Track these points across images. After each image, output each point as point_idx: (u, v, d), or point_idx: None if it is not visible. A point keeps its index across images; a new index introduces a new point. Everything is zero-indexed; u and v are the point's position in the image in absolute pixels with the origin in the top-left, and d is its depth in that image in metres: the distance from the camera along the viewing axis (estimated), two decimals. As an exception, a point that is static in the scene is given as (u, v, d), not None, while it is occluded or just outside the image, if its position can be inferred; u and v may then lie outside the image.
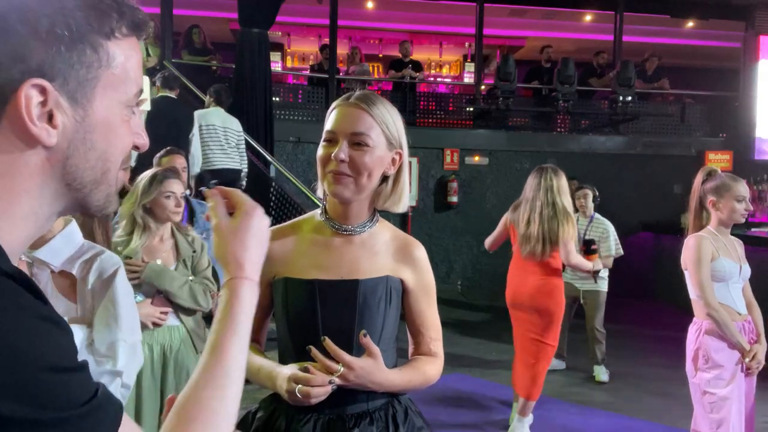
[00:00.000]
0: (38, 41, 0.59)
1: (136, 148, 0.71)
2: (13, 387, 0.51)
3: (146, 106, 2.16)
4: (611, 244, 4.70)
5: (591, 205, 4.87)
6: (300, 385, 1.19)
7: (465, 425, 3.92)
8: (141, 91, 0.70)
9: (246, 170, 5.47)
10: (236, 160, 5.29)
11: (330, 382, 1.21)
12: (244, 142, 5.46)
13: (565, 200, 3.53)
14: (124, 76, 0.66)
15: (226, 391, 0.73)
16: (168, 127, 4.72)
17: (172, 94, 5.01)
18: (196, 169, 4.76)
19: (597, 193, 4.95)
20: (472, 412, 4.13)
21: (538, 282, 3.56)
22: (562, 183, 3.55)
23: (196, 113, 5.12)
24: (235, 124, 5.33)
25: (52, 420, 0.54)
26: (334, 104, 1.34)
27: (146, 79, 2.19)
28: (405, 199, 1.38)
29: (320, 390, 1.20)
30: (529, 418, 3.69)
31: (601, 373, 4.81)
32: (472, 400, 4.36)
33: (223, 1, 9.11)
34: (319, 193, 1.39)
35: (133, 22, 0.66)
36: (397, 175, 1.35)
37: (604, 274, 4.67)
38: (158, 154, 3.39)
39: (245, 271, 0.81)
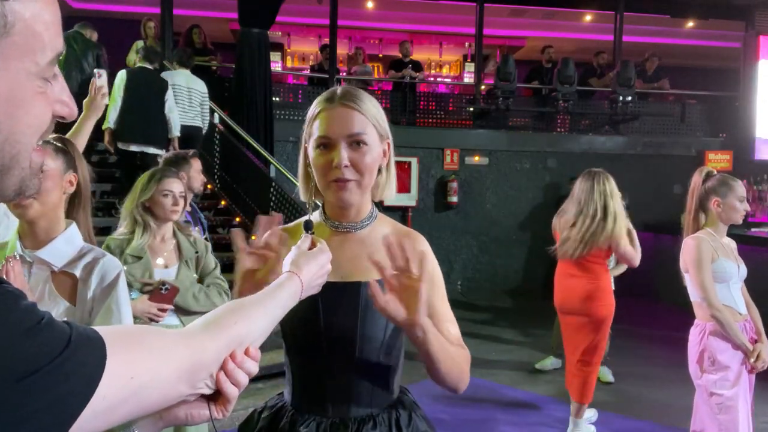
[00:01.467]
0: None
1: (62, 118, 0.61)
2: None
3: (105, 100, 2.20)
4: None
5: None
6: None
7: (465, 425, 3.92)
8: (60, 54, 0.59)
9: (206, 129, 5.98)
10: (198, 119, 5.80)
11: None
12: (207, 103, 5.90)
13: (618, 204, 3.55)
14: (31, 41, 0.55)
15: (254, 320, 0.87)
16: (144, 97, 5.10)
17: (150, 66, 5.31)
18: (176, 132, 5.29)
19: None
20: (473, 412, 4.13)
21: (587, 287, 3.56)
22: (614, 187, 3.58)
23: (163, 74, 5.52)
24: (200, 85, 5.79)
25: (39, 374, 0.54)
26: (317, 106, 1.28)
27: (104, 73, 2.21)
28: (394, 186, 1.36)
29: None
30: (584, 420, 3.71)
31: (607, 374, 4.81)
32: (472, 400, 4.36)
33: (223, 1, 9.12)
34: (303, 198, 1.35)
35: None
36: (387, 164, 1.34)
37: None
38: (167, 156, 3.50)
39: (302, 273, 1.06)
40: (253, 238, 1.21)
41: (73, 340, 0.58)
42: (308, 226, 1.22)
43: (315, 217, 1.38)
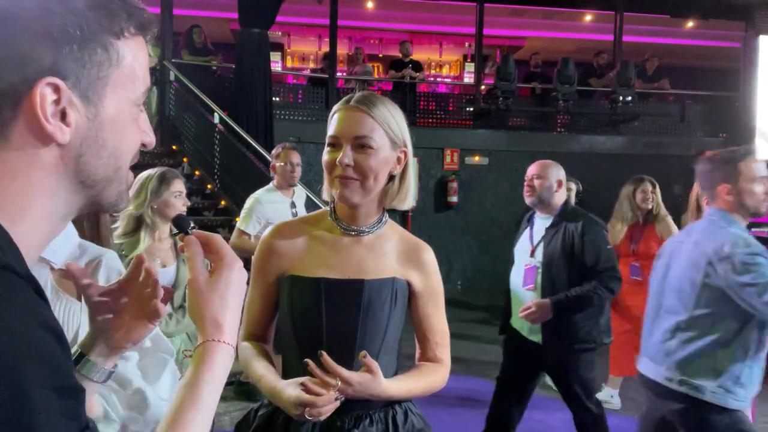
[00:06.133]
0: (51, 41, 0.60)
1: (143, 146, 0.71)
2: None
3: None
4: None
5: (574, 199, 4.92)
6: (308, 409, 1.18)
7: (465, 425, 3.92)
8: (148, 89, 0.70)
9: None
10: None
11: (336, 399, 1.21)
12: None
13: None
14: (133, 74, 0.67)
15: None
16: None
17: None
18: None
19: (580, 188, 5.06)
20: (473, 413, 4.12)
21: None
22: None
23: None
24: None
25: None
26: (335, 108, 1.33)
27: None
28: (411, 196, 1.38)
29: (329, 407, 1.20)
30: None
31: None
32: (472, 400, 4.36)
33: (223, 1, 9.11)
34: (325, 196, 1.39)
35: (140, 22, 0.67)
36: (403, 173, 1.35)
37: None
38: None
39: (224, 335, 0.74)
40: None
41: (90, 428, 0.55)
42: (181, 223, 0.81)
43: (327, 214, 1.41)
